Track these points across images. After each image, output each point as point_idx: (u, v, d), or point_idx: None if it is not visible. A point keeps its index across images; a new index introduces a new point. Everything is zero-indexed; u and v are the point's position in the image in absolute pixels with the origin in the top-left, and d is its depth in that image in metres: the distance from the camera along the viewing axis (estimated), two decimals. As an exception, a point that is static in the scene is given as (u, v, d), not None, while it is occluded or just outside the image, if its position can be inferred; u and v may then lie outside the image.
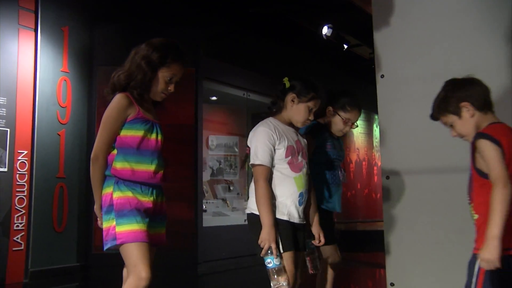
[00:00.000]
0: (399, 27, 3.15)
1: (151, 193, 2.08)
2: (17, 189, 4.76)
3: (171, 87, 2.16)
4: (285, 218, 2.23)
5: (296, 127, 2.39)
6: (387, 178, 3.11)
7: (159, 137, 2.13)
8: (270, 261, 2.12)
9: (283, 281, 2.10)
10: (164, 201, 2.18)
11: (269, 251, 2.12)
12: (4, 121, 4.70)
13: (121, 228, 1.96)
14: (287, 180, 2.25)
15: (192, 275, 5.41)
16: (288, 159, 2.26)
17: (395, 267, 3.04)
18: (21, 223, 4.75)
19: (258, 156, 2.21)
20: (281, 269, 2.12)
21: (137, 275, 1.93)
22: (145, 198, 2.05)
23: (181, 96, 5.21)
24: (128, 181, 2.03)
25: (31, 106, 4.97)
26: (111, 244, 1.99)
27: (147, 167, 2.06)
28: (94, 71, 5.56)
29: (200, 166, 5.91)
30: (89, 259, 5.30)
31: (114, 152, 2.07)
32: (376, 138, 10.57)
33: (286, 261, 2.16)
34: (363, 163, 10.38)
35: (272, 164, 2.25)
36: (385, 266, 3.11)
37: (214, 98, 7.33)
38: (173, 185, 4.87)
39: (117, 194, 2.01)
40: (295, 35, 7.35)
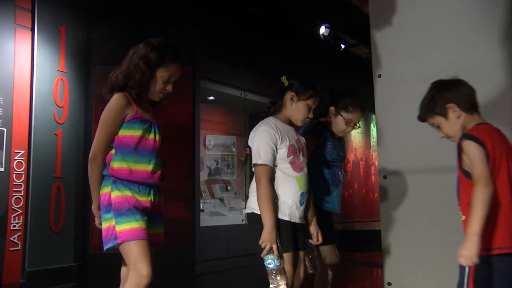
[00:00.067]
0: (396, 27, 3.16)
1: (148, 193, 2.08)
2: (14, 189, 4.74)
3: (169, 87, 2.16)
4: (286, 218, 2.23)
5: (295, 126, 2.38)
6: (384, 177, 3.11)
7: (157, 137, 2.13)
8: (271, 262, 2.11)
9: (282, 282, 2.10)
10: (162, 201, 2.17)
11: (270, 251, 2.11)
12: (1, 120, 4.69)
13: (120, 227, 1.96)
14: (289, 180, 2.24)
15: (189, 274, 5.40)
16: (290, 158, 2.25)
17: (392, 266, 3.05)
18: (17, 223, 4.73)
19: (261, 155, 2.19)
20: (281, 270, 2.12)
21: (138, 273, 1.93)
22: (143, 198, 2.05)
23: (178, 96, 5.20)
24: (126, 181, 2.03)
25: (27, 106, 4.95)
26: (112, 244, 1.99)
27: (145, 167, 2.06)
28: (91, 70, 5.54)
29: (198, 165, 5.90)
30: (86, 259, 5.29)
31: (112, 152, 2.06)
32: (373, 138, 10.59)
33: (286, 262, 2.16)
34: (361, 162, 10.39)
35: (274, 163, 2.23)
36: (382, 266, 3.12)
37: (211, 97, 7.33)
38: (171, 184, 4.87)
39: (115, 193, 2.01)
40: (292, 35, 7.35)
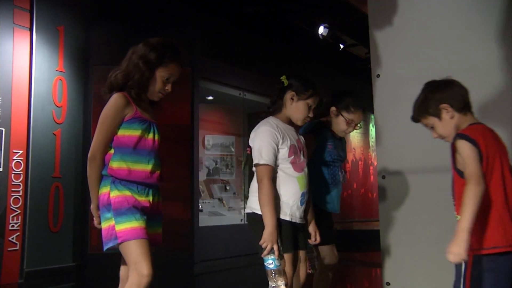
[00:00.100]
0: (395, 26, 3.16)
1: (147, 193, 2.08)
2: (13, 189, 4.74)
3: (169, 87, 2.16)
4: (287, 218, 2.22)
5: (295, 126, 2.38)
6: (383, 177, 3.12)
7: (156, 137, 2.13)
8: (271, 262, 2.11)
9: (282, 282, 2.09)
10: (160, 201, 2.17)
11: (271, 252, 2.11)
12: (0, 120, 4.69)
13: (120, 226, 1.96)
14: (290, 179, 2.24)
15: (188, 274, 5.40)
16: (291, 158, 2.24)
17: (391, 266, 3.05)
18: (16, 223, 4.73)
19: (263, 155, 2.18)
20: (281, 270, 2.11)
21: (138, 272, 1.93)
22: (141, 198, 2.05)
23: (177, 96, 5.20)
24: (125, 181, 2.03)
25: (26, 106, 4.95)
26: (113, 243, 1.98)
27: (144, 167, 2.06)
28: (90, 70, 5.53)
29: (196, 165, 5.90)
30: (85, 259, 5.29)
31: (111, 151, 2.06)
32: (372, 138, 10.59)
33: (286, 262, 2.16)
34: (359, 162, 10.39)
35: (276, 163, 2.22)
36: (381, 266, 3.12)
37: (210, 97, 7.33)
38: (169, 184, 4.86)
39: (114, 193, 2.01)
40: (291, 35, 7.36)
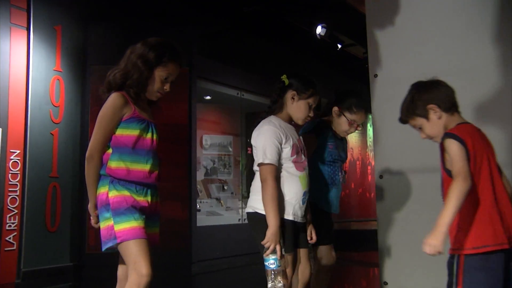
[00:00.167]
0: (393, 26, 3.16)
1: (146, 193, 2.07)
2: (10, 189, 4.72)
3: (167, 87, 2.16)
4: (290, 218, 2.23)
5: (296, 125, 2.39)
6: (381, 177, 3.12)
7: (154, 137, 2.12)
8: (273, 262, 2.11)
9: (282, 283, 2.10)
10: (159, 201, 2.17)
11: (273, 251, 2.11)
12: (-3, 120, 4.68)
13: (119, 226, 1.96)
14: (293, 179, 2.24)
15: (186, 274, 5.39)
16: (294, 157, 2.25)
17: (388, 266, 3.06)
18: (13, 223, 4.71)
19: (267, 155, 2.17)
20: (281, 270, 2.11)
21: (138, 272, 1.93)
22: (140, 198, 2.04)
23: (175, 96, 5.19)
24: (123, 181, 2.03)
25: (23, 105, 4.93)
26: (112, 243, 1.98)
27: (142, 167, 2.06)
28: (87, 70, 5.52)
29: (194, 165, 5.89)
30: (82, 259, 5.27)
31: (109, 151, 2.06)
32: (370, 138, 10.60)
33: (287, 262, 2.16)
34: (357, 162, 10.40)
35: (279, 163, 2.22)
36: (378, 265, 3.12)
37: (208, 97, 7.32)
38: (167, 184, 4.86)
39: (113, 193, 2.00)
40: (289, 35, 7.35)
